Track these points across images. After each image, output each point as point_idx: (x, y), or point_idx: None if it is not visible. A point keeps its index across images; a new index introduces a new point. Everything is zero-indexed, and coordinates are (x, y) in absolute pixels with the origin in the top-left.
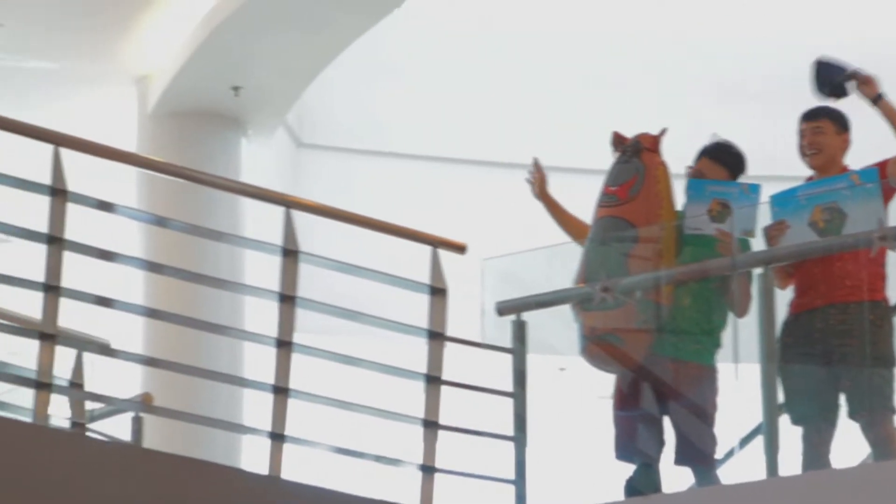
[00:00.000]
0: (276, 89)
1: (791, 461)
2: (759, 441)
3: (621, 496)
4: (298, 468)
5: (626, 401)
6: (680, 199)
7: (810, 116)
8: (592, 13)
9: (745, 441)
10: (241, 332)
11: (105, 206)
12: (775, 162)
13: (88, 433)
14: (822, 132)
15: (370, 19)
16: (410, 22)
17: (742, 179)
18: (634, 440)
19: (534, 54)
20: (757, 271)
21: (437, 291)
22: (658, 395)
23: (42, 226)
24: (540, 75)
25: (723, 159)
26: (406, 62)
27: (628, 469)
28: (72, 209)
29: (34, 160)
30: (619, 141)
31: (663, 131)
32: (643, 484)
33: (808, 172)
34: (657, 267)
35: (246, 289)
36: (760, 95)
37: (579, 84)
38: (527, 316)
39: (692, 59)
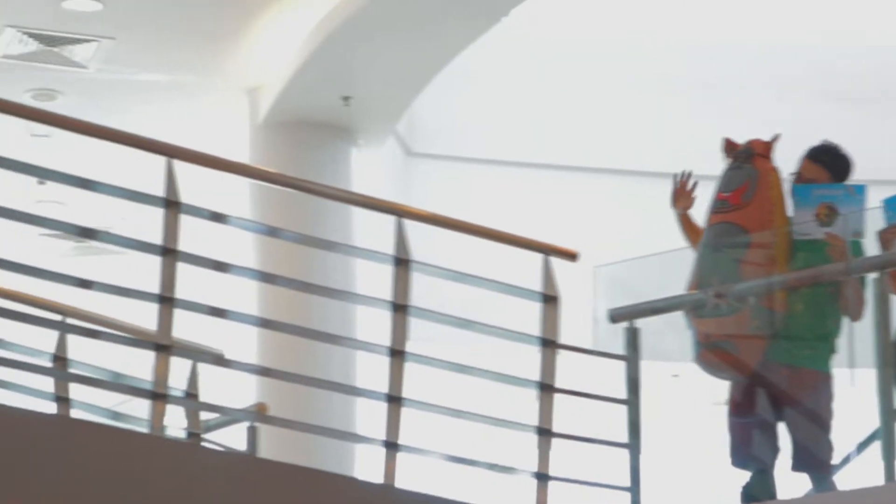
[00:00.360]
0: (387, 98)
1: None
2: (875, 446)
3: (737, 503)
4: (412, 477)
5: (740, 407)
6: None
7: None
8: (699, 19)
9: (861, 446)
10: (354, 341)
11: (218, 218)
12: (882, 165)
13: (204, 443)
14: None
15: (480, 27)
16: (519, 28)
17: (849, 182)
18: (750, 447)
19: (642, 60)
20: (871, 276)
21: (550, 299)
22: (773, 401)
23: (156, 238)
24: (650, 81)
25: (824, 161)
26: (515, 69)
27: (744, 476)
28: (185, 221)
29: (148, 173)
30: (730, 147)
31: (776, 137)
32: (759, 490)
33: None
34: (770, 272)
35: (358, 298)
36: (871, 99)
37: (688, 90)
38: (640, 323)
39: (804, 65)
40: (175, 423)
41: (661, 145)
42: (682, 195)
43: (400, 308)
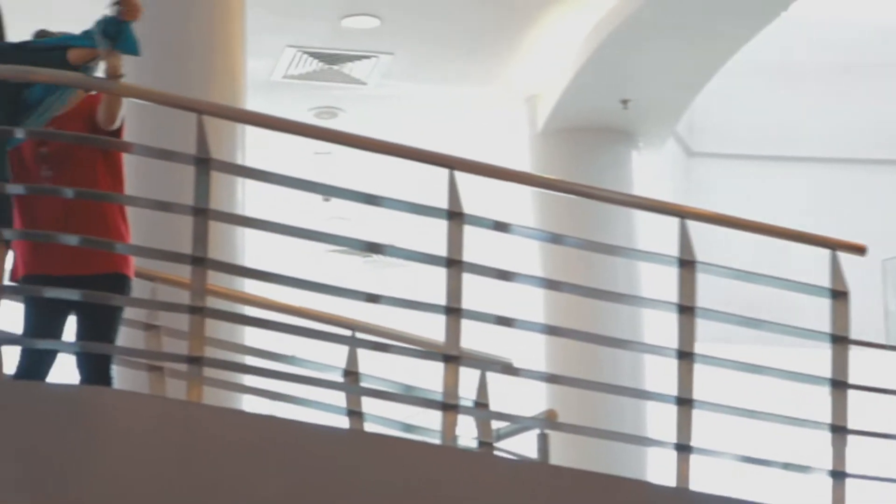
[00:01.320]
0: (666, 100)
1: None
2: None
3: None
4: (705, 479)
5: None
6: None
7: None
8: None
9: None
10: (641, 344)
11: (501, 227)
12: None
13: (496, 452)
14: None
15: (756, 25)
16: (791, 26)
17: None
18: None
19: None
20: None
21: (839, 294)
22: None
23: (441, 249)
24: None
25: None
26: (794, 62)
27: None
28: (469, 231)
29: (428, 184)
30: None
31: None
32: None
33: None
34: None
35: (644, 301)
36: None
37: None
38: None
39: None
40: (466, 433)
41: None
42: None
43: (686, 309)
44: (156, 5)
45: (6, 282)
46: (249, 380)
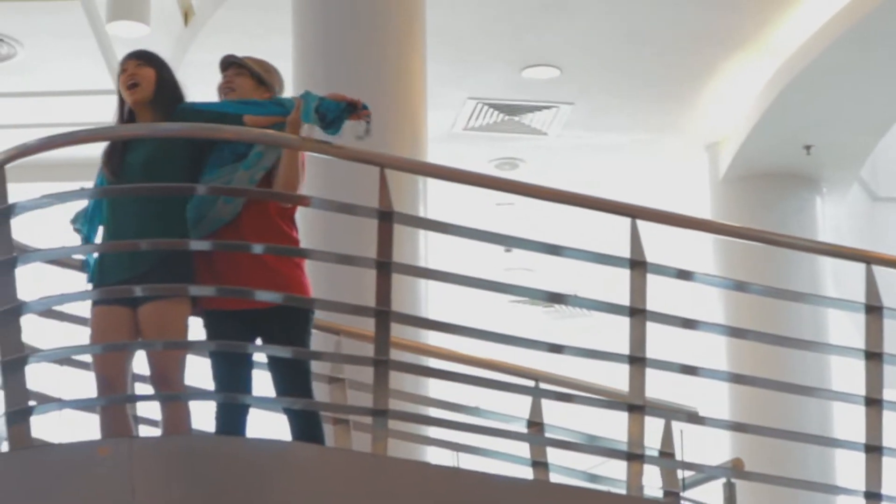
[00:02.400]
0: (849, 145)
1: None
2: None
3: None
4: None
5: None
6: None
7: None
8: None
9: None
10: (827, 391)
11: (684, 275)
12: None
13: (682, 502)
14: None
15: None
16: None
17: None
18: None
19: None
20: None
21: None
22: None
23: (624, 298)
24: None
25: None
26: None
27: None
28: (652, 279)
29: (612, 233)
30: None
31: None
32: None
33: None
34: None
35: (830, 348)
36: None
37: None
38: None
39: None
40: (652, 482)
41: None
42: None
43: (873, 355)
44: (339, 62)
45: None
46: (434, 431)
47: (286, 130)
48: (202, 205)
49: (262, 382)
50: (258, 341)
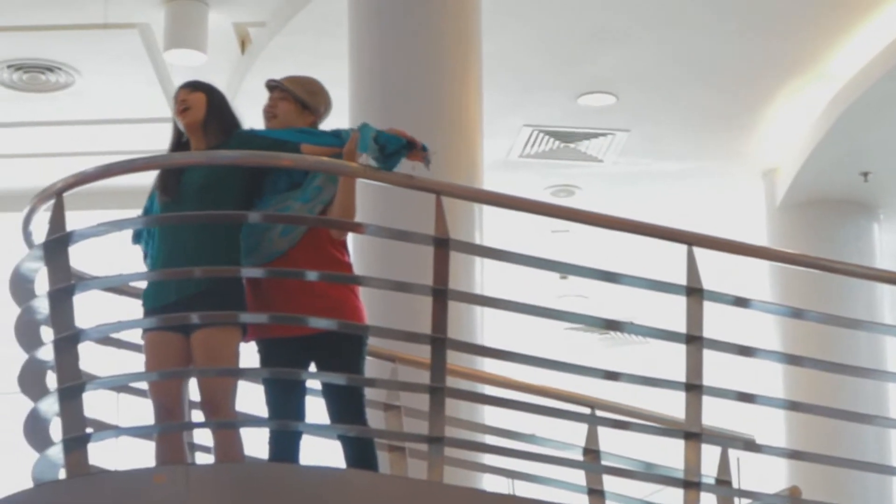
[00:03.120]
0: None
1: None
2: None
3: None
4: None
5: None
6: None
7: None
8: None
9: None
10: (885, 419)
11: (741, 303)
12: None
13: None
14: None
15: None
16: None
17: None
18: None
19: None
20: None
21: None
22: None
23: (680, 325)
24: None
25: None
26: None
27: None
28: (708, 306)
29: (668, 259)
30: None
31: None
32: None
33: None
34: None
35: (888, 375)
36: None
37: None
38: None
39: None
40: None
41: None
42: None
43: None
44: (395, 89)
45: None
46: (489, 459)
47: (343, 159)
48: (256, 233)
49: (316, 408)
50: (312, 367)
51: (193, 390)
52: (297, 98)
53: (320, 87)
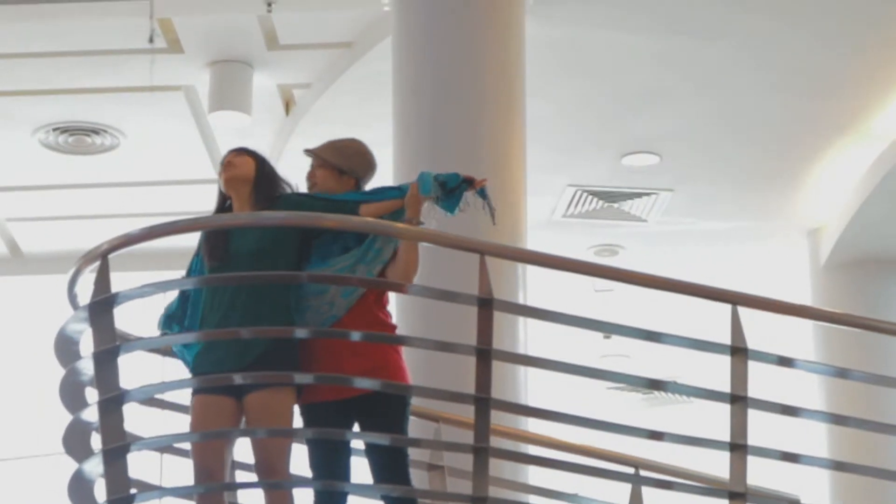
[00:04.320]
0: None
1: None
2: None
3: None
4: None
5: None
6: None
7: None
8: None
9: None
10: None
11: (785, 362)
12: None
13: None
14: None
15: None
16: None
17: None
18: None
19: None
20: None
21: None
22: None
23: (724, 385)
24: None
25: None
26: None
27: None
28: (752, 366)
29: (711, 319)
30: None
31: None
32: None
33: None
34: None
35: None
36: None
37: None
38: None
39: None
40: None
41: None
42: None
43: None
44: (439, 150)
45: None
46: None
47: (406, 210)
48: (306, 297)
49: (359, 468)
50: (356, 427)
51: (238, 453)
52: (332, 164)
53: (358, 148)
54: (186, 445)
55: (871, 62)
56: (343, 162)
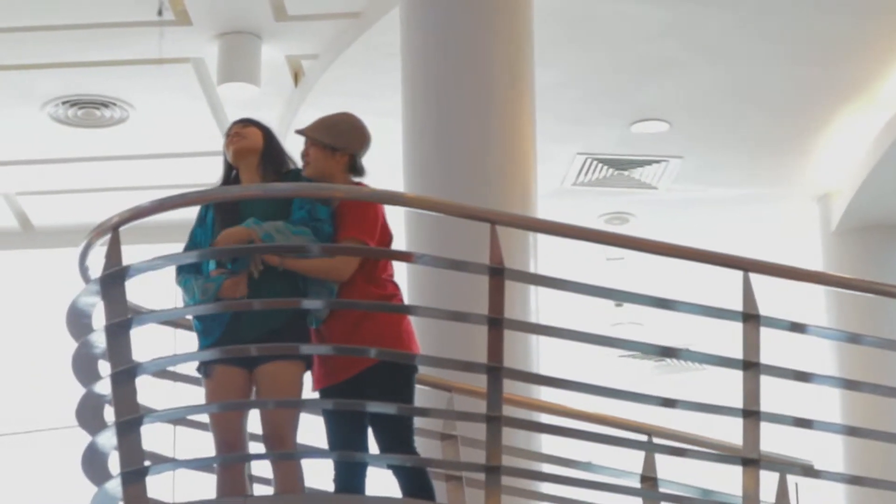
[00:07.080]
0: None
1: None
2: None
3: None
4: None
5: None
6: None
7: None
8: None
9: None
10: None
11: (797, 328)
12: None
13: None
14: None
15: None
16: None
17: None
18: None
19: None
20: None
21: None
22: None
23: (737, 352)
24: None
25: None
26: None
27: None
28: (765, 332)
29: (724, 286)
30: None
31: None
32: None
33: None
34: None
35: None
36: None
37: None
38: None
39: None
40: None
41: None
42: None
43: None
44: (448, 120)
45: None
46: (547, 487)
47: None
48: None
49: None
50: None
51: (251, 423)
52: (322, 143)
53: (351, 124)
54: (199, 418)
55: (878, 29)
56: (335, 140)
